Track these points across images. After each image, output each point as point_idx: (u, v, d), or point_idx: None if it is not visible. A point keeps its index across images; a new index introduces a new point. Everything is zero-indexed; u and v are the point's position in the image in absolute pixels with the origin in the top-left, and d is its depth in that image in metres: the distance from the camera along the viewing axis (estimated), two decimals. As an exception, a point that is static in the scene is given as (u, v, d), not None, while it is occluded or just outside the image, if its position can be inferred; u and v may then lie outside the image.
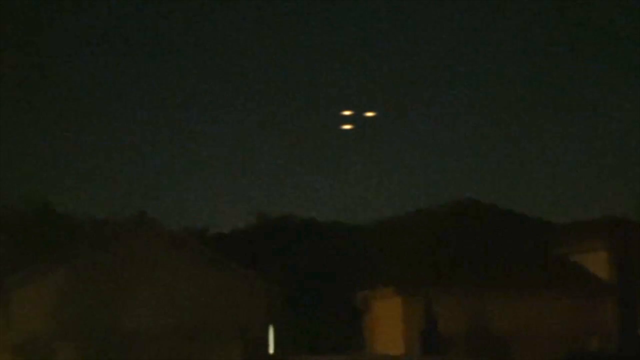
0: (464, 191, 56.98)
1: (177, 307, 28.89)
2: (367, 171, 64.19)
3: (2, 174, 35.59)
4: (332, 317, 33.15)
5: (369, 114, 36.51)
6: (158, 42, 63.83)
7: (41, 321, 27.29)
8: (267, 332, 30.07)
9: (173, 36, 65.32)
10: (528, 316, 30.02)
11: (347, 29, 63.56)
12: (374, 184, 61.26)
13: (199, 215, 72.14)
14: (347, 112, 35.40)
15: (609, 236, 31.81)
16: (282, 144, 64.16)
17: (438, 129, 63.79)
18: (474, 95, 64.90)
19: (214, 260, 30.24)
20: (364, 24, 63.20)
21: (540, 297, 30.29)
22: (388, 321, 30.24)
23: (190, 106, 65.13)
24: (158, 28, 63.56)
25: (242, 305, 29.53)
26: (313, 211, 62.50)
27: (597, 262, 31.50)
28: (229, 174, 63.61)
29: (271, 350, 30.19)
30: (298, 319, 32.81)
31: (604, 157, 60.63)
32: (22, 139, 53.04)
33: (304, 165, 64.31)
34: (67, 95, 60.75)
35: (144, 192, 56.26)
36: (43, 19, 48.71)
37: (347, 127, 37.19)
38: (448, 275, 30.07)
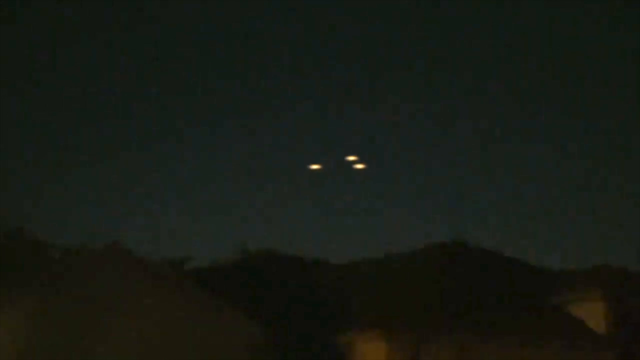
0: (455, 232, 55.66)
1: (151, 343, 27.62)
2: (353, 210, 63.35)
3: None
4: (315, 359, 31.90)
5: (359, 167, 36.29)
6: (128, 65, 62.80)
7: (3, 356, 25.72)
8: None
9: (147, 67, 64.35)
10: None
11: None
12: (361, 223, 60.47)
13: (178, 248, 70.43)
14: (351, 158, 35.04)
15: (607, 286, 30.67)
16: (268, 180, 63.15)
17: (429, 168, 63.22)
18: (464, 135, 64.21)
19: (191, 295, 29.20)
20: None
21: (534, 348, 29.02)
22: (372, 367, 28.87)
23: (172, 134, 64.32)
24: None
25: (220, 343, 28.50)
26: (298, 248, 61.11)
27: (594, 313, 30.37)
28: (210, 206, 62.56)
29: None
30: (278, 360, 31.52)
31: (603, 203, 59.85)
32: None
33: (289, 202, 63.34)
34: (41, 117, 59.64)
35: (119, 221, 54.92)
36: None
37: (315, 167, 36.92)
38: (436, 321, 28.81)
